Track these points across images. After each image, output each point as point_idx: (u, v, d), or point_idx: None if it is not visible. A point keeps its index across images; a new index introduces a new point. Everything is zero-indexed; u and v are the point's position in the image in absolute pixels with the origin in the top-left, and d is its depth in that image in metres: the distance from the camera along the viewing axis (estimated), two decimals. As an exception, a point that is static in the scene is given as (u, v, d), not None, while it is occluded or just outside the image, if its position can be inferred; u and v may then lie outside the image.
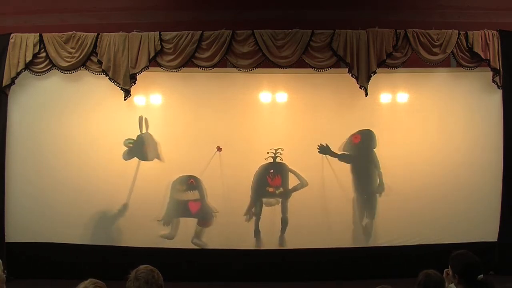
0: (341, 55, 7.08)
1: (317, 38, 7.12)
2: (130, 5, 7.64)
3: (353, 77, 7.08)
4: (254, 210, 7.43)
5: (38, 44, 7.21)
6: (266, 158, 7.42)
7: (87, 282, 2.97)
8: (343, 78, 7.22)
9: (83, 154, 7.39)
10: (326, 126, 7.48)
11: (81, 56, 7.17)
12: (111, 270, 4.85)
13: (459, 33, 7.18)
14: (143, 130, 7.47)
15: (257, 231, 7.41)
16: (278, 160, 7.44)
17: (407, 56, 7.18)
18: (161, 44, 7.11)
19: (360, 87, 7.08)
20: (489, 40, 7.20)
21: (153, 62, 7.16)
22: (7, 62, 7.19)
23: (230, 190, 7.41)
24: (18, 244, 7.26)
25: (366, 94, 7.10)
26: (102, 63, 7.13)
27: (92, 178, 7.36)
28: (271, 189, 7.47)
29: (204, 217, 7.44)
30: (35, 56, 7.21)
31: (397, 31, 7.14)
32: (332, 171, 7.44)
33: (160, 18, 7.65)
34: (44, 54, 7.23)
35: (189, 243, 7.36)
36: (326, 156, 7.46)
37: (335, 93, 7.49)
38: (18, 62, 7.19)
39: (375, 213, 7.42)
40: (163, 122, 7.55)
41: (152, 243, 7.27)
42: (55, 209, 7.34)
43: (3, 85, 7.20)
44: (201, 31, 7.14)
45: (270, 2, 7.50)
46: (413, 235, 7.37)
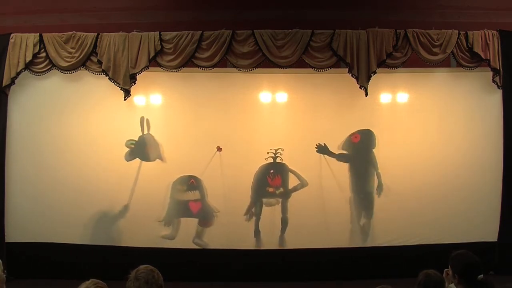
0: (341, 55, 7.09)
1: (317, 38, 7.12)
2: (130, 5, 7.65)
3: (353, 77, 7.08)
4: (254, 210, 7.43)
5: (38, 44, 7.21)
6: (266, 158, 7.42)
7: (88, 283, 2.97)
8: (343, 78, 7.23)
9: (83, 154, 7.39)
10: (326, 126, 7.49)
11: (81, 56, 7.17)
12: (111, 270, 4.84)
13: (459, 33, 7.18)
14: (144, 131, 7.47)
15: (257, 231, 7.41)
16: (278, 160, 7.44)
17: (407, 56, 7.18)
18: (161, 44, 7.11)
19: (360, 87, 7.08)
20: (489, 40, 7.20)
21: (153, 62, 7.17)
22: (7, 62, 7.19)
23: (231, 190, 7.41)
24: (18, 244, 7.26)
25: (366, 94, 7.10)
26: (102, 63, 7.13)
27: (92, 178, 7.36)
28: (271, 189, 7.47)
29: (205, 217, 7.44)
30: (35, 56, 7.21)
31: (397, 31, 7.14)
32: (331, 171, 7.44)
33: (160, 18, 7.65)
34: (44, 54, 7.23)
35: (190, 243, 7.36)
36: (324, 155, 7.47)
37: (335, 93, 7.49)
38: (18, 62, 7.19)
39: (372, 213, 7.41)
40: (163, 122, 7.55)
41: (153, 243, 7.27)
42: (55, 209, 7.34)
43: (3, 85, 7.20)
44: (201, 31, 7.14)
45: (270, 2, 7.50)
46: (413, 235, 7.37)
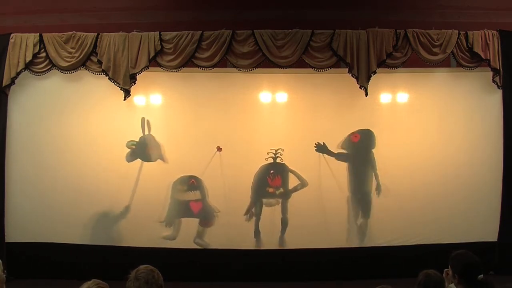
0: (341, 55, 7.08)
1: (317, 38, 7.12)
2: (130, 5, 7.64)
3: (353, 77, 7.08)
4: (254, 210, 7.43)
5: (38, 44, 7.21)
6: (266, 159, 7.42)
7: (90, 283, 2.97)
8: (343, 78, 7.22)
9: (83, 154, 7.39)
10: (326, 126, 7.48)
11: (81, 56, 7.17)
12: (111, 270, 4.84)
13: (459, 33, 7.18)
14: (145, 131, 7.47)
15: (257, 231, 7.41)
16: (278, 160, 7.43)
17: (407, 56, 7.18)
18: (161, 44, 7.11)
19: (360, 87, 7.08)
20: (489, 40, 7.20)
21: (153, 62, 7.16)
22: (7, 62, 7.19)
23: (231, 190, 7.41)
24: (18, 244, 7.26)
25: (366, 94, 7.10)
26: (102, 63, 7.13)
27: (92, 178, 7.36)
28: (271, 190, 7.46)
29: (206, 217, 7.43)
30: (35, 56, 7.21)
31: (397, 31, 7.14)
32: (331, 171, 7.44)
33: (160, 18, 7.65)
34: (44, 54, 7.23)
35: (190, 243, 7.36)
36: (324, 155, 7.47)
37: (335, 93, 7.48)
38: (18, 62, 7.19)
39: (370, 213, 7.40)
40: (163, 122, 7.54)
41: (154, 243, 7.27)
42: (55, 209, 7.34)
43: (3, 85, 7.20)
44: (201, 31, 7.14)
45: (270, 2, 7.50)
46: (413, 235, 7.37)
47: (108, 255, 7.19)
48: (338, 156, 7.48)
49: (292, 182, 7.45)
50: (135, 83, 7.15)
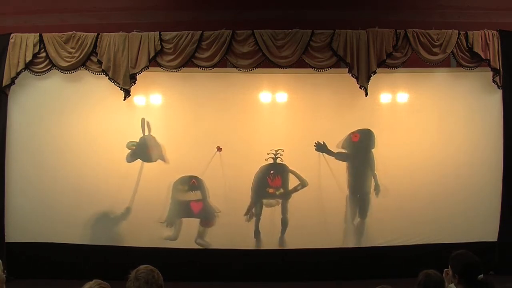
0: (341, 55, 7.08)
1: (317, 38, 7.12)
2: (130, 5, 7.65)
3: (353, 77, 7.08)
4: (254, 210, 7.42)
5: (38, 44, 7.21)
6: (266, 159, 7.41)
7: (92, 283, 2.97)
8: (343, 78, 7.22)
9: (83, 154, 7.38)
10: (326, 126, 7.48)
11: (81, 56, 7.17)
12: (112, 270, 4.83)
13: (459, 33, 7.18)
14: (145, 132, 7.47)
15: (257, 231, 7.40)
16: (278, 161, 7.43)
17: (407, 56, 7.18)
18: (161, 44, 7.11)
19: (360, 87, 7.08)
20: (489, 40, 7.20)
21: (153, 62, 7.16)
22: (7, 62, 7.19)
23: (231, 190, 7.40)
24: (18, 244, 7.26)
25: (366, 94, 7.10)
26: (102, 63, 7.13)
27: (92, 178, 7.36)
28: (271, 190, 7.46)
29: (207, 217, 7.43)
30: (35, 56, 7.21)
31: (397, 31, 7.14)
32: (331, 171, 7.44)
33: (160, 18, 7.65)
34: (44, 54, 7.23)
35: (191, 243, 7.35)
36: (323, 154, 7.46)
37: (335, 93, 7.48)
38: (18, 62, 7.19)
39: (367, 213, 7.40)
40: (163, 122, 7.54)
41: (155, 243, 7.27)
42: (55, 209, 7.34)
43: (3, 85, 7.20)
44: (201, 31, 7.14)
45: (270, 2, 7.50)
46: (413, 235, 7.36)
47: (108, 255, 7.18)
48: (338, 156, 7.48)
49: (292, 182, 7.45)
50: (135, 83, 7.15)
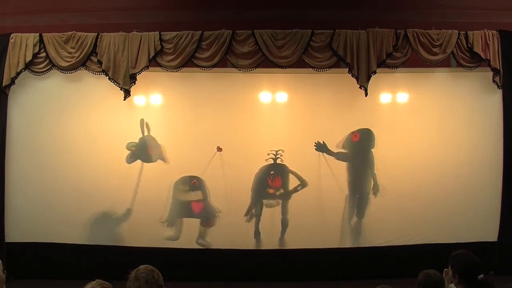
0: (341, 55, 7.08)
1: (317, 38, 7.12)
2: (130, 5, 7.64)
3: (353, 77, 7.08)
4: (254, 211, 7.42)
5: (38, 44, 7.21)
6: (266, 160, 7.41)
7: (94, 283, 2.97)
8: (343, 78, 7.22)
9: (83, 154, 7.38)
10: (326, 126, 7.48)
11: (81, 56, 7.17)
12: (112, 270, 4.80)
13: (459, 33, 7.18)
14: (144, 132, 7.47)
15: (257, 232, 7.40)
16: (278, 161, 7.43)
17: (407, 56, 7.18)
18: (161, 44, 7.11)
19: (360, 87, 7.08)
20: (489, 40, 7.20)
21: (153, 62, 7.16)
22: (7, 62, 7.19)
23: (231, 191, 7.40)
24: (18, 244, 7.26)
25: (366, 94, 7.10)
26: (102, 63, 7.13)
27: (92, 178, 7.36)
28: (271, 191, 7.46)
29: (207, 217, 7.42)
30: (35, 56, 7.21)
31: (397, 31, 7.14)
32: (331, 171, 7.43)
33: (160, 18, 7.64)
34: (44, 54, 7.23)
35: (191, 244, 7.35)
36: (323, 154, 7.46)
37: (335, 93, 7.48)
38: (18, 62, 7.19)
39: (365, 213, 7.39)
40: (163, 122, 7.54)
41: (155, 243, 7.27)
42: (55, 209, 7.34)
43: (3, 85, 7.20)
44: (201, 31, 7.14)
45: (270, 2, 7.50)
46: (413, 235, 7.36)
47: (108, 255, 7.18)
48: (338, 156, 7.47)
49: (292, 183, 7.45)
50: (135, 83, 7.15)
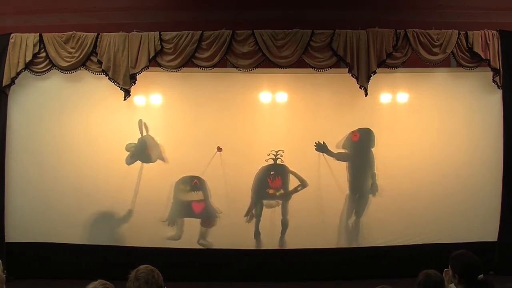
0: (341, 55, 7.08)
1: (317, 38, 7.12)
2: (130, 5, 7.64)
3: (353, 77, 7.08)
4: (254, 211, 7.41)
5: (38, 44, 7.21)
6: (266, 160, 7.41)
7: (96, 283, 2.97)
8: (343, 78, 7.22)
9: (83, 154, 7.38)
10: (326, 126, 7.48)
11: (81, 56, 7.16)
12: (112, 270, 4.79)
13: (459, 33, 7.18)
14: (143, 133, 7.46)
15: (257, 232, 7.40)
16: (278, 162, 7.43)
17: (407, 56, 7.18)
18: (161, 44, 7.11)
19: (360, 87, 7.08)
20: (489, 40, 7.20)
21: (153, 62, 7.16)
22: (7, 62, 7.19)
23: (232, 191, 7.39)
24: (18, 244, 7.26)
25: (366, 94, 7.10)
26: (102, 63, 7.13)
27: (92, 178, 7.36)
28: (271, 191, 7.45)
29: (208, 217, 7.42)
30: (35, 56, 7.21)
31: (397, 31, 7.14)
32: (331, 171, 7.43)
33: (160, 18, 7.64)
34: (44, 54, 7.23)
35: (192, 244, 7.34)
36: (323, 154, 7.46)
37: (335, 93, 7.48)
38: (18, 62, 7.18)
39: (363, 212, 7.38)
40: (163, 122, 7.54)
41: (155, 243, 7.26)
42: (55, 209, 7.34)
43: (3, 85, 7.20)
44: (201, 31, 7.14)
45: (270, 2, 7.50)
46: (413, 235, 7.36)
47: (108, 255, 7.18)
48: (338, 156, 7.47)
49: (293, 183, 7.44)
50: (135, 83, 7.15)
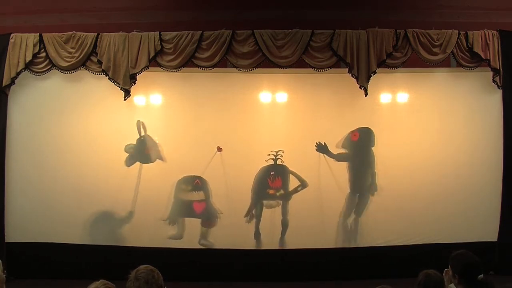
0: (341, 55, 7.08)
1: (317, 38, 7.12)
2: (130, 5, 7.64)
3: (353, 77, 7.08)
4: (254, 212, 7.41)
5: (38, 44, 7.21)
6: (266, 160, 7.41)
7: (98, 283, 2.97)
8: (343, 78, 7.22)
9: (83, 154, 7.38)
10: (326, 126, 7.48)
11: (81, 56, 7.17)
12: (112, 270, 4.78)
13: (459, 33, 7.18)
14: (141, 133, 7.46)
15: (257, 233, 7.39)
16: (278, 162, 7.43)
17: (407, 56, 7.18)
18: (161, 44, 7.11)
19: (360, 87, 7.08)
20: (489, 40, 7.20)
21: (153, 62, 7.16)
22: (7, 62, 7.19)
23: (232, 191, 7.39)
24: (18, 244, 7.26)
25: (366, 94, 7.10)
26: (102, 63, 7.13)
27: (92, 178, 7.35)
28: (271, 191, 7.45)
29: (209, 217, 7.41)
30: (35, 56, 7.21)
31: (397, 31, 7.14)
32: (331, 171, 7.43)
33: (160, 18, 7.65)
34: (44, 54, 7.23)
35: (192, 243, 7.33)
36: (324, 155, 7.46)
37: (335, 93, 7.48)
38: (18, 62, 7.19)
39: (363, 212, 7.38)
40: (163, 122, 7.54)
41: (156, 243, 7.26)
42: (55, 209, 7.34)
43: (3, 85, 7.20)
44: (201, 31, 7.14)
45: (270, 2, 7.50)
46: (413, 235, 7.36)
47: (108, 255, 7.18)
48: (338, 157, 7.46)
49: (293, 183, 7.44)
50: (135, 83, 7.15)
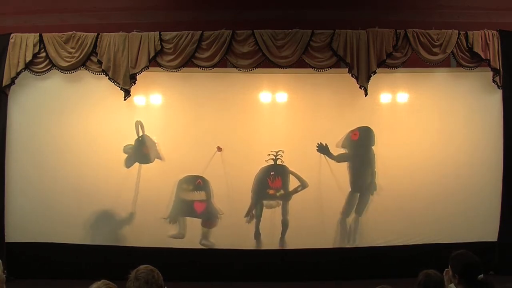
0: (341, 55, 7.08)
1: (317, 38, 7.12)
2: (130, 5, 7.65)
3: (353, 77, 7.08)
4: (254, 212, 7.41)
5: (38, 44, 7.21)
6: (266, 160, 7.41)
7: (100, 283, 2.97)
8: (343, 78, 7.22)
9: (83, 154, 7.38)
10: (326, 126, 7.48)
11: (81, 56, 7.17)
12: (112, 270, 4.78)
13: (459, 33, 7.18)
14: (139, 133, 7.46)
15: (257, 233, 7.39)
16: (278, 162, 7.42)
17: (407, 56, 7.18)
18: (161, 44, 7.11)
19: (360, 87, 7.08)
20: (489, 40, 7.20)
21: (153, 62, 7.16)
22: (7, 62, 7.19)
23: (232, 191, 7.39)
24: (18, 244, 7.26)
25: (366, 94, 7.10)
26: (102, 63, 7.13)
27: (92, 178, 7.35)
28: (271, 191, 7.45)
29: (209, 218, 7.41)
30: (35, 56, 7.21)
31: (397, 31, 7.14)
32: (331, 171, 7.43)
33: (160, 18, 7.65)
34: (44, 54, 7.23)
35: (192, 243, 7.33)
36: (324, 155, 7.46)
37: (335, 93, 7.48)
38: (18, 62, 7.19)
39: (363, 212, 7.38)
40: (163, 122, 7.54)
41: (156, 243, 7.26)
42: (55, 209, 7.34)
43: (3, 85, 7.20)
44: (201, 31, 7.14)
45: (270, 2, 7.50)
46: (412, 235, 7.36)
47: (108, 255, 7.18)
48: (339, 158, 7.46)
49: (293, 183, 7.44)
50: (135, 83, 7.15)
